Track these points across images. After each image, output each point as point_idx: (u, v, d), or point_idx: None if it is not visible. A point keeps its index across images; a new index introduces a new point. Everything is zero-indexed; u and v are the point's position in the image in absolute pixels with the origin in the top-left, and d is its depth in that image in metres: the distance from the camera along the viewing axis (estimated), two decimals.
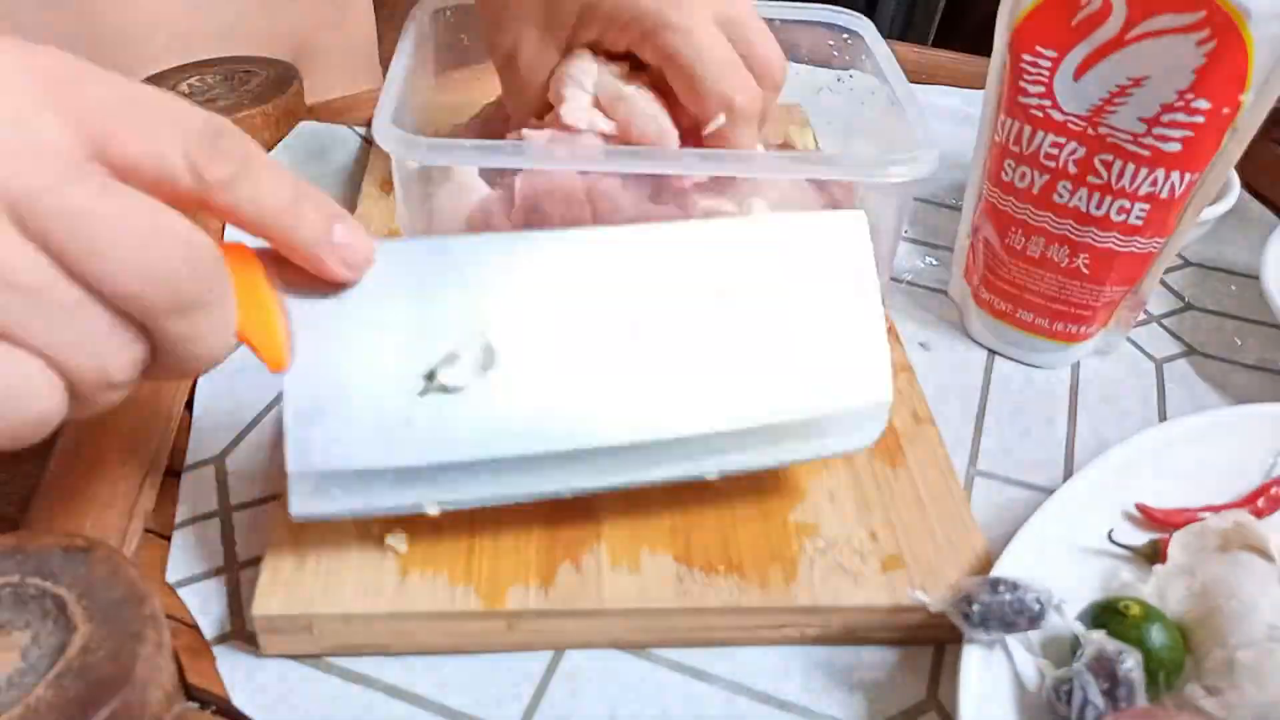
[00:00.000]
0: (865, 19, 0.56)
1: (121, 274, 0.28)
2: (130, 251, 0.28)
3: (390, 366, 0.36)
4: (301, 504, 0.35)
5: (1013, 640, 0.37)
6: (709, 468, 0.38)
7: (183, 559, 0.40)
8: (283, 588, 0.37)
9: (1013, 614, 0.35)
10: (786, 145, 0.55)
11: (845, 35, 0.56)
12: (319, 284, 0.35)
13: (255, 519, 0.42)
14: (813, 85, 0.59)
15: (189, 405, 0.47)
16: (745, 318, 0.38)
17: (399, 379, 0.36)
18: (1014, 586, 0.36)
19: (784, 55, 0.49)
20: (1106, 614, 0.36)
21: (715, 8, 0.46)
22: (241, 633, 0.38)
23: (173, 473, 0.44)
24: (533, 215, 0.46)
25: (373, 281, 0.36)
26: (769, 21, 0.50)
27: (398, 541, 0.39)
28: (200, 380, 0.48)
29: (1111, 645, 0.34)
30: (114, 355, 0.29)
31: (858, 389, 0.39)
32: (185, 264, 0.29)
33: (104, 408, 0.31)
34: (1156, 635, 0.35)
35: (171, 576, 0.40)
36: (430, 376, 0.36)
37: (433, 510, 0.36)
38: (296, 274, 0.35)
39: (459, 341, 0.36)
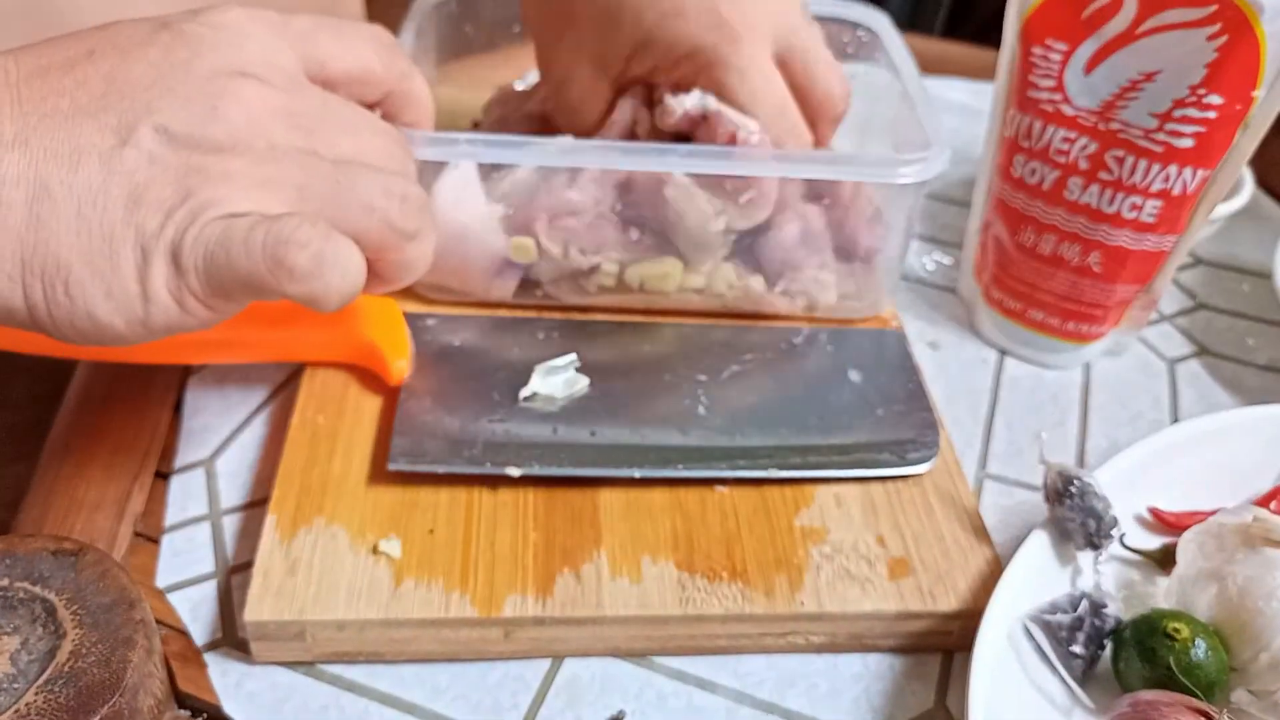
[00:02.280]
0: (880, 13, 0.56)
1: (380, 156, 0.36)
2: (374, 142, 0.36)
3: (489, 386, 0.44)
4: (398, 461, 0.40)
5: (1035, 629, 0.36)
6: (770, 467, 0.42)
7: (172, 563, 0.40)
8: (274, 594, 0.36)
9: (1099, 511, 0.38)
10: None
11: (859, 30, 0.56)
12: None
13: (245, 523, 0.41)
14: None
15: (178, 407, 0.46)
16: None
17: (498, 392, 0.44)
18: (1107, 504, 0.39)
19: (847, 85, 0.49)
20: (1154, 638, 0.35)
21: (777, 37, 0.46)
22: (233, 639, 0.37)
23: (162, 475, 0.43)
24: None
25: (477, 333, 0.47)
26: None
27: (391, 547, 0.38)
28: (189, 381, 0.47)
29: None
30: (399, 207, 0.35)
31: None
32: (406, 168, 0.38)
33: (414, 267, 0.38)
34: (1202, 650, 0.34)
35: (161, 581, 0.39)
36: (526, 389, 0.43)
37: (514, 472, 0.40)
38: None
39: (553, 361, 0.44)
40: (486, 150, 0.45)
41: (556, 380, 0.44)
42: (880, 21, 0.55)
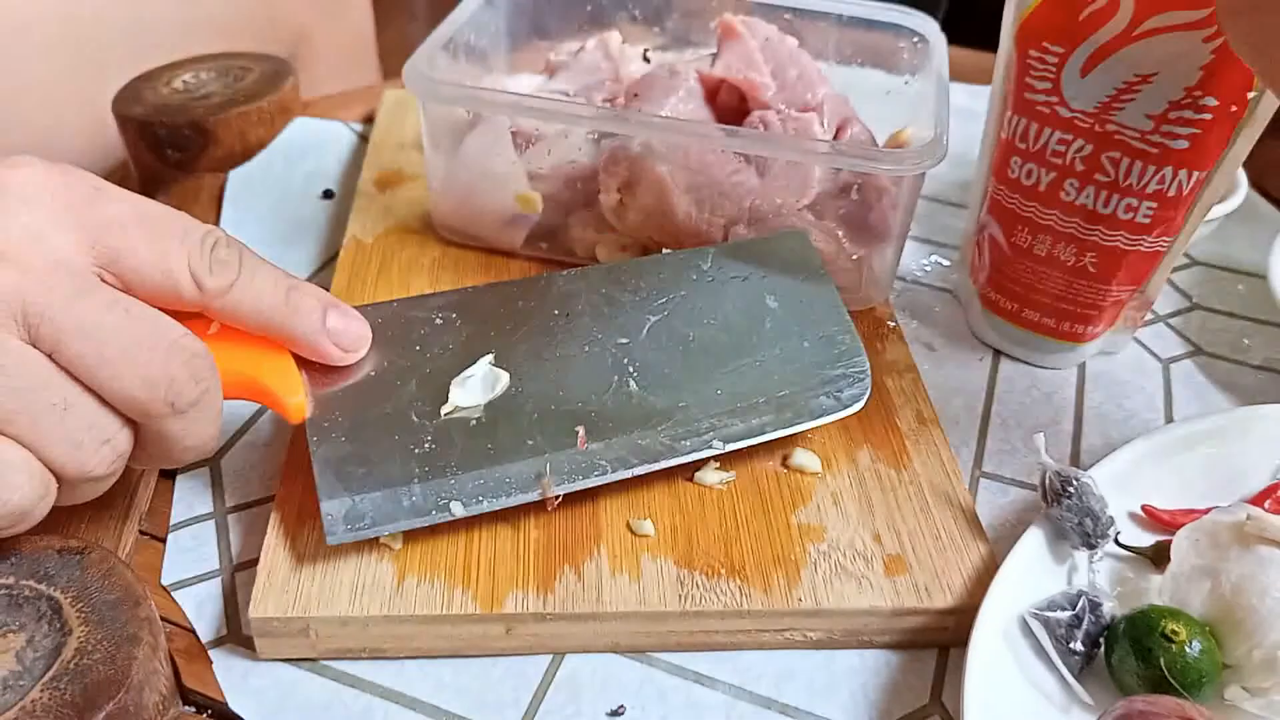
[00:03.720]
0: (932, 21, 0.57)
1: (126, 380, 0.31)
2: (134, 361, 0.31)
3: (404, 404, 0.40)
4: (336, 533, 0.37)
5: (1037, 622, 0.37)
6: (713, 440, 0.40)
7: (178, 561, 0.40)
8: (279, 590, 0.36)
9: (1096, 511, 0.39)
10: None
11: (915, 39, 0.57)
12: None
13: (250, 521, 0.41)
14: (883, 88, 0.59)
15: None
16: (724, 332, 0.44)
17: (415, 412, 0.40)
18: (1104, 504, 0.39)
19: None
20: (1150, 638, 0.35)
21: None
22: (238, 636, 0.37)
23: (167, 474, 0.43)
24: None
25: (374, 340, 0.41)
26: (843, 19, 0.56)
27: (393, 539, 0.38)
28: None
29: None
30: (95, 451, 0.32)
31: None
32: (184, 369, 0.32)
33: (86, 498, 0.34)
34: (1198, 647, 0.35)
35: (167, 579, 0.39)
36: (446, 404, 0.40)
37: (459, 511, 0.38)
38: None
39: (467, 371, 0.41)
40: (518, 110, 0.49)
41: (475, 385, 0.41)
42: (932, 30, 0.57)
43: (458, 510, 0.38)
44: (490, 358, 0.42)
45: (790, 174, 0.51)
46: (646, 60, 0.58)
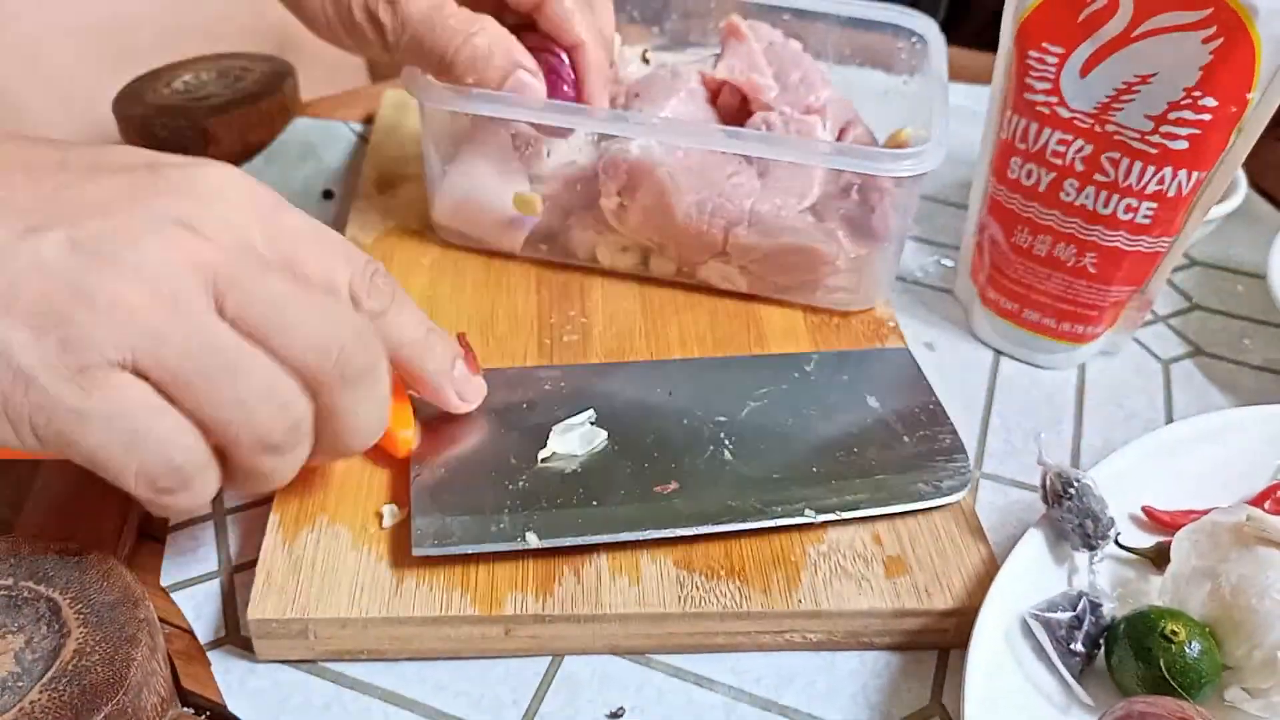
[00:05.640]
0: (931, 21, 0.57)
1: (301, 345, 0.33)
2: (309, 327, 0.33)
3: (504, 449, 0.42)
4: (424, 545, 0.37)
5: (1037, 622, 0.37)
6: (805, 509, 0.40)
7: (176, 562, 0.40)
8: (277, 592, 0.36)
9: (1097, 512, 0.38)
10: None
11: (913, 39, 0.57)
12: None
13: (249, 522, 0.41)
14: (881, 88, 0.58)
15: None
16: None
17: (514, 455, 0.41)
18: (1104, 505, 0.39)
19: None
20: (1150, 638, 0.35)
21: None
22: (236, 637, 0.37)
23: None
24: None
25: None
26: (843, 20, 0.56)
27: (389, 512, 0.39)
28: None
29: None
30: (270, 414, 0.32)
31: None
32: (354, 339, 0.34)
33: (264, 484, 0.35)
34: (1198, 648, 0.35)
35: (165, 580, 0.39)
36: (544, 449, 0.41)
37: (533, 541, 0.38)
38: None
39: (568, 421, 0.43)
40: (535, 113, 0.48)
41: (573, 437, 0.42)
42: (931, 30, 0.56)
43: (532, 540, 0.38)
44: (591, 414, 0.43)
45: (792, 176, 0.51)
46: (646, 61, 0.58)
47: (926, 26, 0.57)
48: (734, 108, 0.55)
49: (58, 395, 0.30)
